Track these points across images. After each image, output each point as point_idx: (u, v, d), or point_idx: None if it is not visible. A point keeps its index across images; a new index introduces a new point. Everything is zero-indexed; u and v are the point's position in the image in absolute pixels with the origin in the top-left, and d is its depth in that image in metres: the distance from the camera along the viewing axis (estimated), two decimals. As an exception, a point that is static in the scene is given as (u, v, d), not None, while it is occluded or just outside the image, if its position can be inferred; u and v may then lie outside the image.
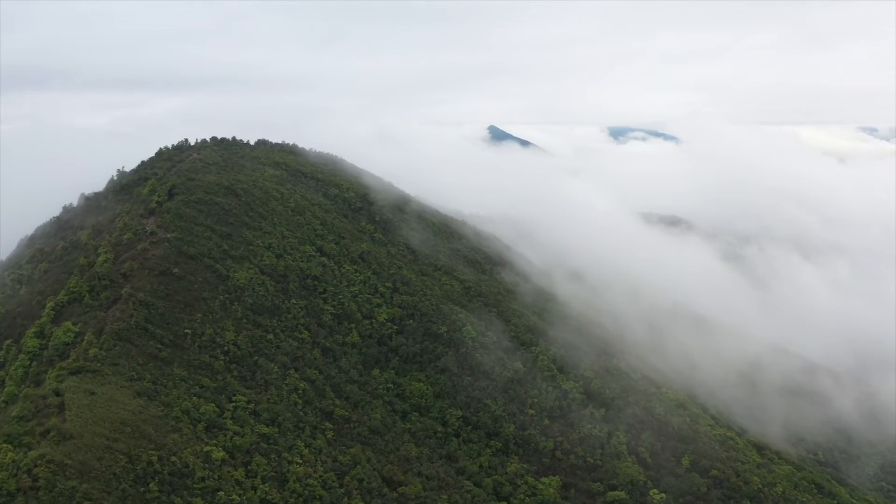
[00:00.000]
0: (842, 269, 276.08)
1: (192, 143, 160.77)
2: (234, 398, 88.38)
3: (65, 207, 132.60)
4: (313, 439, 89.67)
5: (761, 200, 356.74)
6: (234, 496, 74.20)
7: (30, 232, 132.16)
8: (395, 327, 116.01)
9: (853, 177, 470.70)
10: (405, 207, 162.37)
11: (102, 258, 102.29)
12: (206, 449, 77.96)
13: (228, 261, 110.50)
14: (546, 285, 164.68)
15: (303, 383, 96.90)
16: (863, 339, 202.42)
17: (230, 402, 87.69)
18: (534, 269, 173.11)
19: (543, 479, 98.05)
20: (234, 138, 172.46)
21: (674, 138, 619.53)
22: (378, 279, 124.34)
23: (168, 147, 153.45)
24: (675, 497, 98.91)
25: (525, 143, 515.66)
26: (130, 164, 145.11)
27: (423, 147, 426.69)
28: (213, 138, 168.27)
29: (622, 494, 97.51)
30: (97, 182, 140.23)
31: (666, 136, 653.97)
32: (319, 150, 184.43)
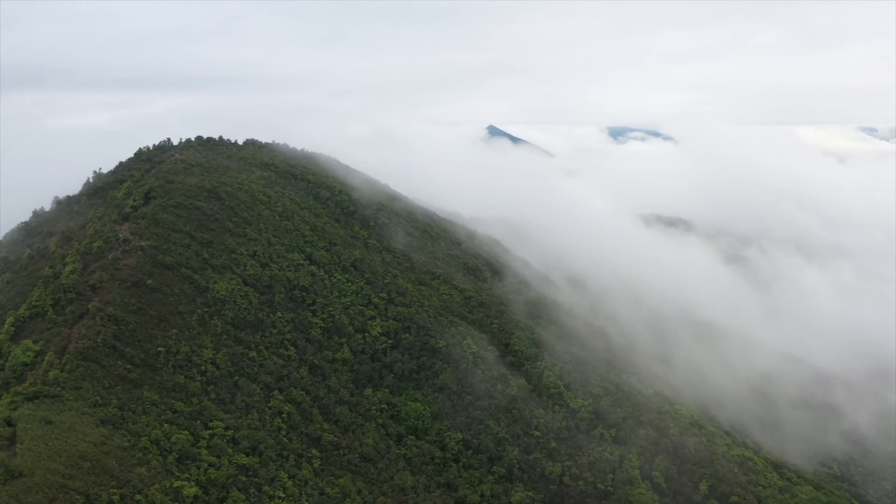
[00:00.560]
0: (845, 271, 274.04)
1: (176, 143, 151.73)
2: (211, 424, 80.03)
3: (35, 212, 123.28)
4: (298, 469, 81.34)
5: (761, 201, 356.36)
6: (206, 541, 66.01)
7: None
8: (390, 342, 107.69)
9: (853, 177, 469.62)
10: (401, 211, 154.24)
11: (69, 268, 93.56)
12: (176, 484, 69.48)
13: (208, 271, 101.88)
14: (548, 292, 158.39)
15: (287, 406, 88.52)
16: (872, 345, 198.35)
17: (206, 428, 79.32)
18: (535, 275, 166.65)
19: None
20: (221, 138, 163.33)
21: (673, 138, 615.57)
22: (372, 289, 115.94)
23: (148, 147, 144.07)
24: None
25: (524, 143, 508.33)
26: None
27: (422, 147, 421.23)
28: (199, 138, 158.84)
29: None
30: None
31: (665, 137, 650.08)
32: (312, 151, 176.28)
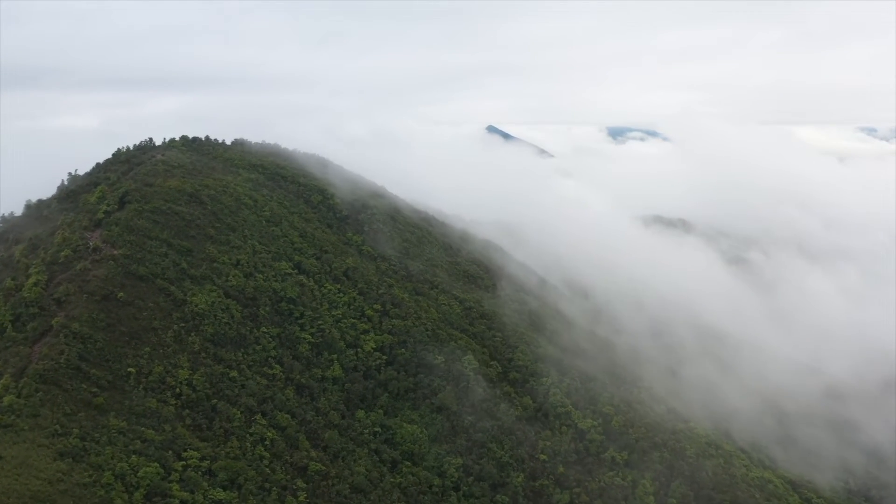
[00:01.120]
0: (849, 273, 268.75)
1: (158, 144, 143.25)
2: (185, 454, 72.20)
3: (3, 217, 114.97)
4: (281, 503, 73.60)
5: (761, 201, 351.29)
6: None
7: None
8: (385, 357, 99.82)
9: (853, 177, 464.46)
10: (398, 215, 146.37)
11: (32, 280, 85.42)
12: (142, 528, 61.88)
13: (186, 282, 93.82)
14: (549, 300, 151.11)
15: (271, 432, 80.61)
16: (883, 352, 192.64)
17: (179, 459, 71.48)
18: (535, 281, 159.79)
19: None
20: (208, 137, 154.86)
21: (672, 138, 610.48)
22: (365, 300, 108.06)
23: (128, 147, 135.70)
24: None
25: (523, 143, 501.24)
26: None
27: (421, 147, 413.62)
28: (184, 137, 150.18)
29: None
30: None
31: (664, 137, 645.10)
32: (305, 151, 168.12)
